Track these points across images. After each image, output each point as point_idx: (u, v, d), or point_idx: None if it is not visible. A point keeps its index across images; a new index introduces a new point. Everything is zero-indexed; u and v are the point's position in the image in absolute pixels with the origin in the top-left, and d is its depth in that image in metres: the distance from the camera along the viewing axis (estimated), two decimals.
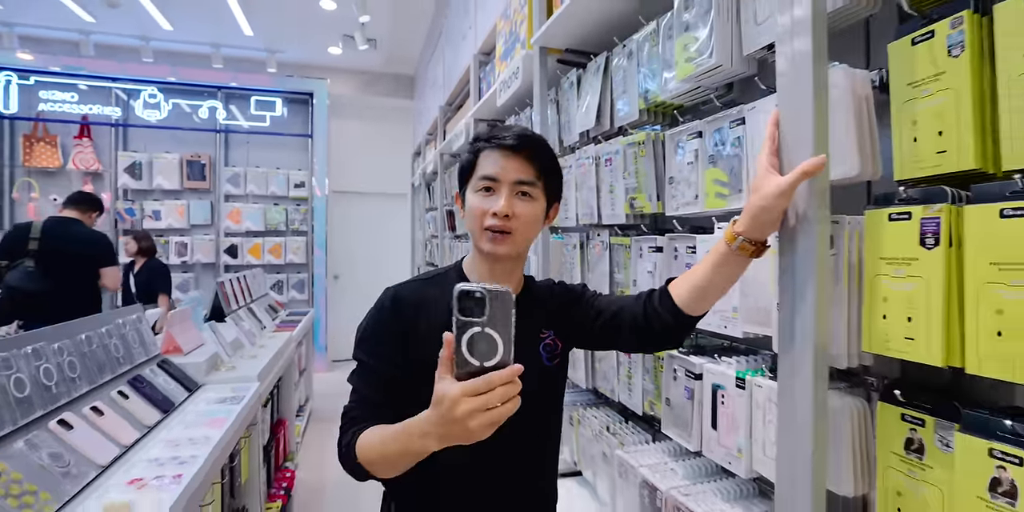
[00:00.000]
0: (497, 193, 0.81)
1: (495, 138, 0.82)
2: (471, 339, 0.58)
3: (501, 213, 0.79)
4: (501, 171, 0.81)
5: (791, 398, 0.72)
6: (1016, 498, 0.53)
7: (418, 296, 0.86)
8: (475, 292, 0.57)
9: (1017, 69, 0.55)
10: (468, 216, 0.85)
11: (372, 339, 0.83)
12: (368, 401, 0.81)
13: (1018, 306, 0.52)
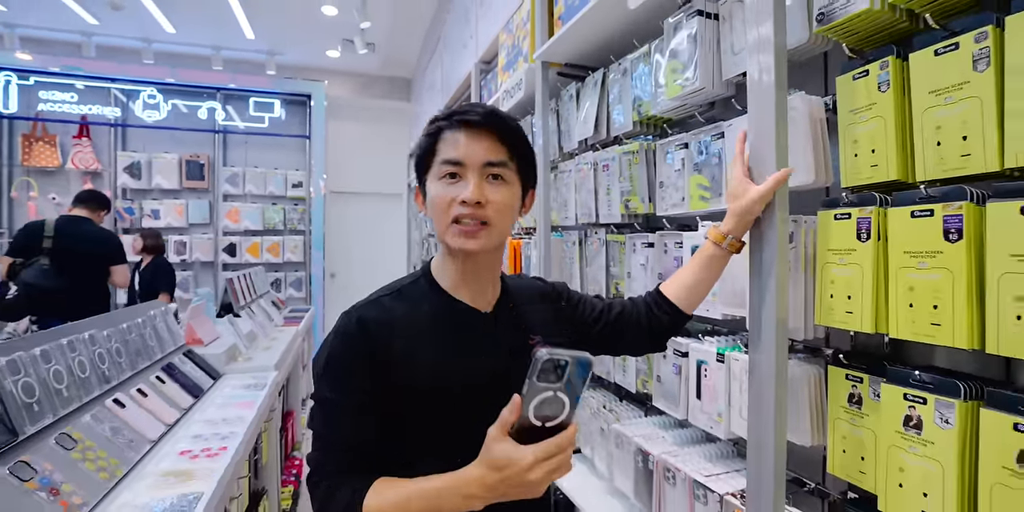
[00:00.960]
0: (464, 179, 0.69)
1: (457, 114, 0.71)
2: (541, 403, 0.57)
3: (471, 200, 0.68)
4: (467, 152, 0.69)
5: (758, 364, 0.89)
6: (921, 429, 0.70)
7: (387, 316, 0.72)
8: (560, 359, 0.54)
9: (925, 104, 0.72)
10: (431, 208, 0.72)
11: (339, 372, 0.70)
12: (345, 447, 0.69)
13: (923, 284, 0.70)
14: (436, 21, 4.20)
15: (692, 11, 1.12)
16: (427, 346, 0.72)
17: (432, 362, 0.71)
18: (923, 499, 0.70)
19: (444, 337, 0.73)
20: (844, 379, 0.86)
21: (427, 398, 0.70)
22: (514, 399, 0.57)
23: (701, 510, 1.11)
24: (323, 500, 0.68)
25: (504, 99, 2.09)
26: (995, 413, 0.63)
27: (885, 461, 0.76)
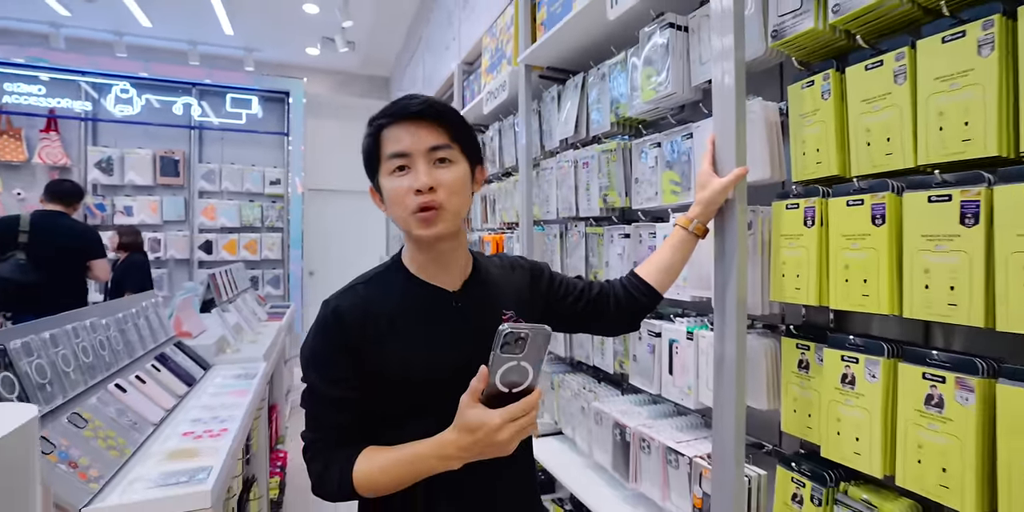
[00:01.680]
0: (412, 169, 0.72)
1: (394, 113, 0.73)
2: (506, 371, 0.62)
3: (424, 187, 0.70)
4: (410, 143, 0.72)
5: (721, 337, 1.01)
6: (854, 384, 0.83)
7: (363, 302, 0.77)
8: (520, 332, 0.60)
9: (858, 111, 0.85)
10: (390, 205, 0.75)
11: (323, 361, 0.75)
12: (333, 426, 0.75)
13: (856, 262, 0.83)
14: (417, 21, 4.27)
15: (665, 23, 1.24)
16: (400, 326, 0.76)
17: (404, 340, 0.76)
18: (855, 443, 0.83)
19: (415, 316, 0.78)
20: (795, 348, 0.99)
21: (403, 369, 0.75)
22: (481, 370, 0.64)
23: (673, 473, 1.23)
24: (319, 473, 0.74)
25: (488, 100, 2.18)
26: (909, 366, 0.76)
27: (826, 414, 0.89)
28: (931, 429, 0.73)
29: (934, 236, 0.72)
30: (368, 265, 4.16)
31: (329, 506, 1.02)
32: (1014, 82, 0.66)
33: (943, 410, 0.72)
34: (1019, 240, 0.63)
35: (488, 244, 2.54)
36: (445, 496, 0.76)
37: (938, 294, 0.72)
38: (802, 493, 0.94)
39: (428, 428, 0.71)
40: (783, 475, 0.99)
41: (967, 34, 0.69)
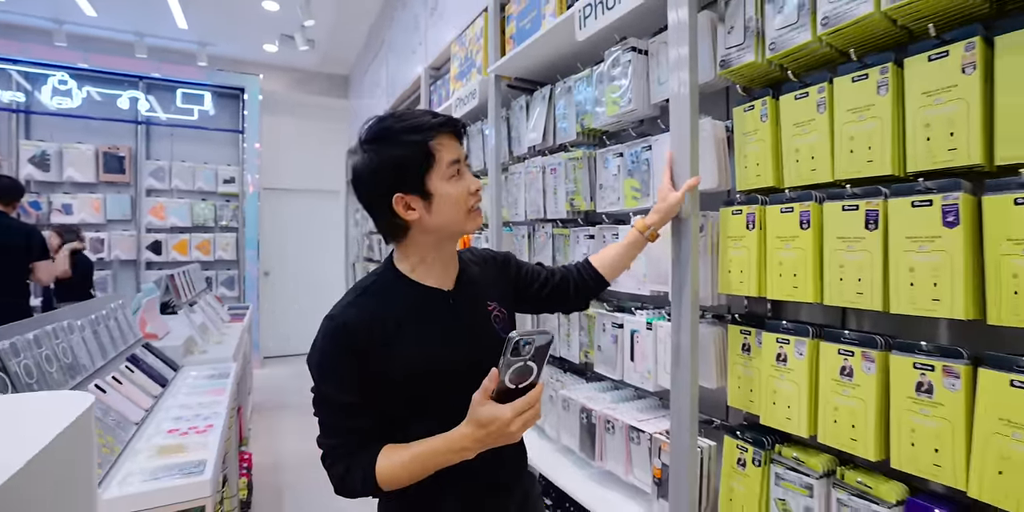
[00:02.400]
0: (463, 173, 0.82)
1: (446, 123, 0.81)
2: (514, 371, 0.69)
3: (480, 188, 0.84)
4: (458, 151, 0.82)
5: (678, 327, 1.16)
6: (786, 361, 1.00)
7: (367, 315, 0.80)
8: (527, 339, 0.67)
9: (790, 133, 1.01)
10: (448, 205, 0.80)
11: (333, 373, 0.79)
12: (349, 430, 0.79)
13: (787, 259, 0.99)
14: (381, 22, 4.28)
15: (628, 46, 1.38)
16: (404, 328, 0.82)
17: (410, 340, 0.82)
18: (787, 410, 0.99)
19: (417, 317, 0.83)
20: (739, 334, 1.15)
21: (409, 367, 0.80)
22: (492, 371, 0.70)
23: (635, 449, 1.38)
24: (341, 477, 0.78)
25: (457, 106, 2.28)
26: (828, 344, 0.93)
27: (765, 388, 1.05)
28: (845, 394, 0.90)
29: (846, 238, 0.89)
30: (327, 266, 4.28)
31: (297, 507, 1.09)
32: (901, 115, 0.84)
33: (853, 379, 0.89)
34: (911, 243, 0.81)
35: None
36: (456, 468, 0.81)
37: (850, 285, 0.89)
38: (745, 457, 1.11)
39: (430, 427, 0.77)
40: (729, 443, 1.15)
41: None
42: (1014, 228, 0.70)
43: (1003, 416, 0.70)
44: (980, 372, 0.74)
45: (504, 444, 0.74)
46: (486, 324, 0.90)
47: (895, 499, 0.85)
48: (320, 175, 5.99)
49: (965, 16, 0.79)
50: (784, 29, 0.98)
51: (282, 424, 3.74)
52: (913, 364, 0.81)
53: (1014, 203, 0.70)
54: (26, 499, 0.41)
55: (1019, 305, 0.69)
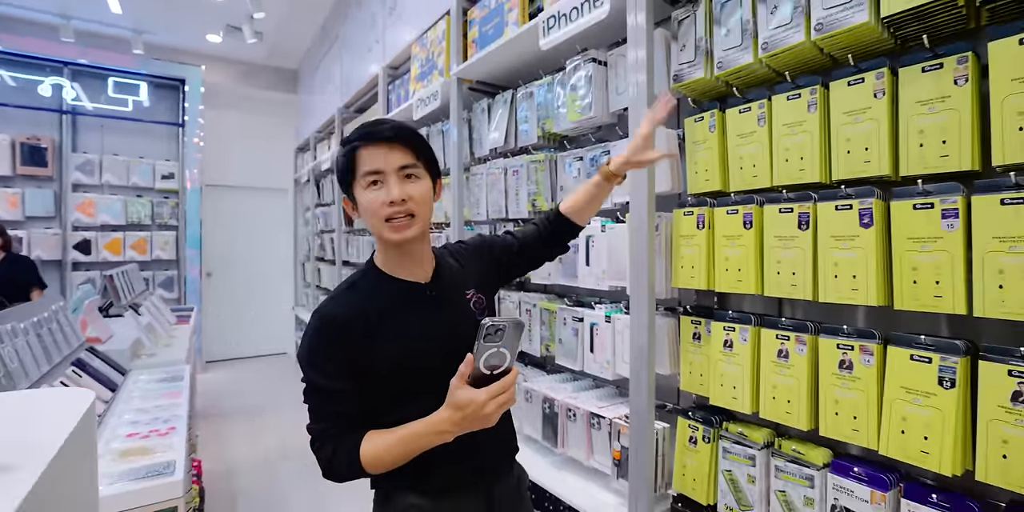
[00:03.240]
0: (385, 184, 0.84)
1: (368, 136, 0.85)
2: (488, 357, 0.73)
3: (397, 199, 0.82)
4: (384, 162, 0.83)
5: (637, 319, 1.26)
6: (732, 347, 1.12)
7: (351, 311, 0.86)
8: (499, 325, 0.72)
9: (735, 143, 1.13)
10: (365, 213, 0.86)
11: (321, 362, 0.84)
12: (336, 415, 0.84)
13: (733, 256, 1.11)
14: (334, 17, 4.20)
15: (588, 58, 1.48)
16: (386, 319, 0.87)
17: (392, 330, 0.87)
18: (733, 390, 1.11)
19: (397, 308, 0.89)
20: (690, 324, 1.27)
21: (393, 356, 0.86)
22: (468, 356, 0.75)
23: (596, 434, 1.48)
24: (329, 459, 0.82)
25: (419, 106, 2.30)
26: (767, 331, 1.05)
27: (713, 372, 1.17)
28: (781, 374, 1.03)
29: (783, 237, 1.02)
30: (274, 265, 4.23)
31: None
32: (827, 131, 0.97)
33: (789, 360, 1.02)
34: (835, 242, 0.94)
35: None
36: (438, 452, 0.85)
37: (785, 278, 1.01)
38: (696, 435, 1.22)
39: (413, 414, 0.82)
40: (682, 424, 1.27)
41: (864, 80, 0.99)
42: (915, 229, 0.84)
43: (904, 385, 0.84)
44: (889, 349, 0.88)
45: (480, 427, 0.78)
46: (466, 310, 0.95)
47: (822, 462, 0.98)
48: (267, 172, 5.78)
49: (876, 50, 0.94)
50: (730, 50, 1.10)
51: (230, 430, 3.61)
52: (837, 345, 0.94)
53: (913, 208, 0.84)
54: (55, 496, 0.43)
55: (917, 293, 0.83)
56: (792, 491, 1.02)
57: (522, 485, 1.05)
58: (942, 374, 0.80)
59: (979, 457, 0.76)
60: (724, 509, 1.15)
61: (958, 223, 0.79)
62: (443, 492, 0.90)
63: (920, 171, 0.84)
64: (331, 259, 4.38)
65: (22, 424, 0.48)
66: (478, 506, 0.93)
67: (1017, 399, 0.73)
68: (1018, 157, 0.73)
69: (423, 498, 0.89)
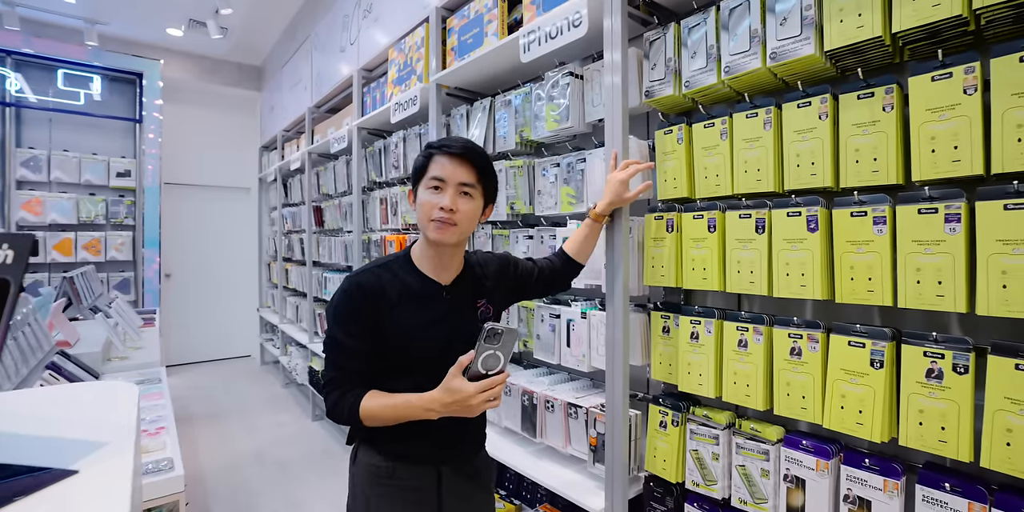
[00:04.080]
0: (444, 192, 0.97)
1: (446, 146, 0.98)
2: (485, 357, 0.85)
3: (447, 207, 0.95)
4: (449, 173, 0.96)
5: (612, 315, 1.37)
6: (698, 338, 1.24)
7: (377, 281, 0.98)
8: (498, 329, 0.85)
9: (701, 155, 1.26)
10: (419, 209, 1.00)
11: (346, 320, 0.96)
12: (349, 369, 0.97)
13: (698, 256, 1.23)
14: (304, 15, 4.16)
15: (566, 71, 1.58)
16: (404, 302, 1.00)
17: (406, 314, 0.99)
18: (699, 377, 1.24)
19: (415, 297, 1.01)
20: (660, 318, 1.39)
21: (402, 338, 0.98)
22: (468, 353, 0.88)
23: (573, 423, 1.58)
24: (336, 400, 0.95)
25: (397, 110, 2.36)
26: (729, 323, 1.18)
27: (681, 362, 1.29)
28: (741, 361, 1.16)
29: (742, 239, 1.15)
30: (238, 266, 4.22)
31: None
32: (780, 147, 1.10)
33: (747, 348, 1.15)
34: (787, 244, 1.07)
35: (391, 243, 2.70)
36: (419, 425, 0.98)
37: (745, 276, 1.14)
38: (666, 420, 1.35)
39: (407, 386, 0.95)
40: (653, 410, 1.39)
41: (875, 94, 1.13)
42: (851, 233, 0.98)
43: (843, 367, 0.98)
44: (831, 337, 1.01)
45: (463, 415, 0.89)
46: (472, 316, 1.07)
47: (776, 438, 1.12)
48: (230, 170, 5.64)
49: (821, 77, 1.08)
50: (696, 71, 1.22)
51: (197, 435, 3.53)
52: (788, 334, 1.08)
53: (850, 216, 0.98)
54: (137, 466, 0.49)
55: (854, 288, 0.97)
56: (751, 465, 1.15)
57: (483, 476, 1.16)
58: (873, 356, 0.95)
59: (901, 425, 0.91)
60: (691, 485, 1.27)
61: (886, 228, 0.93)
62: (401, 458, 1.02)
63: (856, 184, 0.98)
64: (300, 260, 4.33)
65: (89, 410, 0.53)
66: (428, 477, 1.05)
67: (930, 375, 0.87)
68: (930, 174, 0.87)
69: (382, 459, 1.02)
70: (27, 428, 0.43)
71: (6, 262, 0.34)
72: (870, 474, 0.97)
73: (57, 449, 0.40)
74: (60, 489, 0.35)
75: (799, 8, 1.02)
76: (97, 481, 0.35)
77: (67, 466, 0.36)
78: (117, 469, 0.37)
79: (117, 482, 0.34)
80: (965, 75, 0.83)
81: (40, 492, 0.34)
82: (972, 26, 0.85)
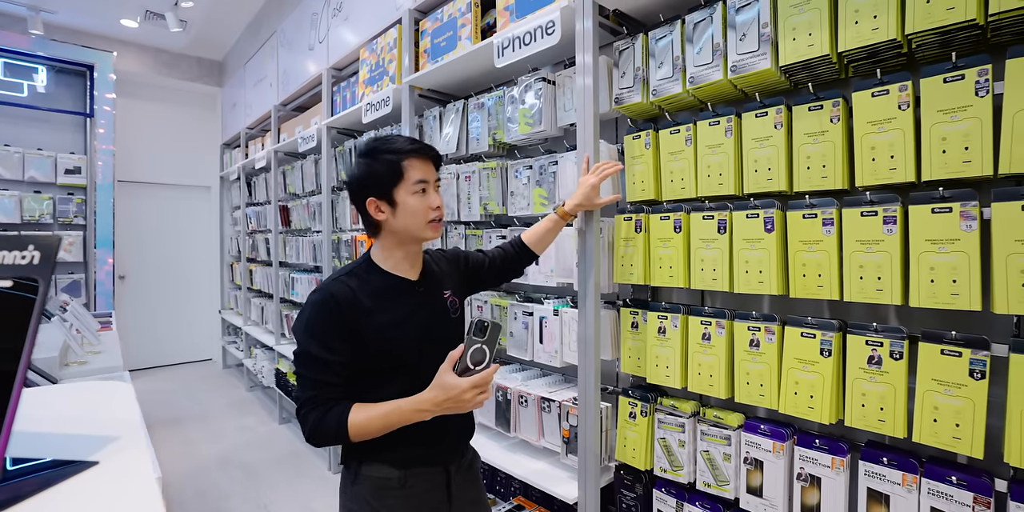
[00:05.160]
0: (429, 192, 1.01)
1: (419, 150, 1.01)
2: (473, 351, 0.86)
3: (441, 206, 1.03)
4: (428, 174, 1.01)
5: (584, 312, 1.43)
6: (665, 333, 1.32)
7: (349, 290, 0.97)
8: (485, 323, 0.87)
9: (667, 160, 1.33)
10: (410, 214, 0.99)
11: (321, 334, 0.94)
12: (327, 384, 0.93)
13: (665, 255, 1.31)
14: (269, 11, 4.08)
15: (539, 77, 1.63)
16: (381, 304, 1.01)
17: (384, 314, 1.00)
18: (666, 369, 1.31)
19: (391, 297, 1.02)
20: (629, 314, 1.46)
21: (383, 336, 0.97)
22: (458, 348, 0.88)
23: (547, 417, 1.64)
24: (315, 423, 0.90)
25: (369, 110, 2.36)
26: (693, 318, 1.26)
27: (649, 355, 1.36)
28: (705, 354, 1.24)
29: (706, 239, 1.23)
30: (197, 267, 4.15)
31: None
32: (740, 152, 1.18)
33: (710, 341, 1.23)
34: (746, 243, 1.15)
35: (363, 243, 2.69)
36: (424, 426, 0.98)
37: (708, 274, 1.22)
38: (635, 410, 1.42)
39: (391, 393, 0.93)
40: (623, 401, 1.46)
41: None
42: (803, 234, 1.07)
43: (796, 356, 1.07)
44: (786, 329, 1.10)
45: (456, 412, 0.90)
46: (443, 308, 1.10)
47: (737, 424, 1.20)
48: (190, 168, 5.45)
49: (776, 89, 1.17)
50: (663, 80, 1.30)
51: (159, 440, 3.41)
52: (747, 327, 1.16)
53: (802, 217, 1.07)
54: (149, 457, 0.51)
55: (806, 284, 1.06)
56: (714, 450, 1.23)
57: (475, 465, 1.20)
58: (823, 346, 1.04)
59: (847, 408, 1.00)
60: (659, 471, 1.35)
61: (833, 229, 1.02)
62: (410, 465, 1.02)
63: (807, 188, 1.07)
64: (265, 260, 4.24)
65: (91, 408, 0.54)
66: (438, 479, 1.06)
67: (871, 362, 0.97)
68: (871, 180, 0.97)
69: (393, 469, 1.00)
70: (32, 426, 0.44)
71: (33, 263, 0.36)
72: (820, 453, 1.06)
73: (70, 444, 0.41)
74: (87, 479, 0.37)
75: (757, 25, 1.11)
76: (120, 471, 0.37)
77: (86, 458, 0.38)
78: (136, 459, 0.38)
79: (140, 470, 0.36)
80: (899, 92, 0.93)
81: (67, 482, 0.36)
82: (905, 49, 0.95)
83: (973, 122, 0.85)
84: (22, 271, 0.36)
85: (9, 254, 0.34)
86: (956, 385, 0.87)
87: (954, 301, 0.86)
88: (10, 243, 0.36)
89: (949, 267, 0.87)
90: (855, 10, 0.97)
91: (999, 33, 0.87)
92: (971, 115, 0.85)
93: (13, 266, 0.35)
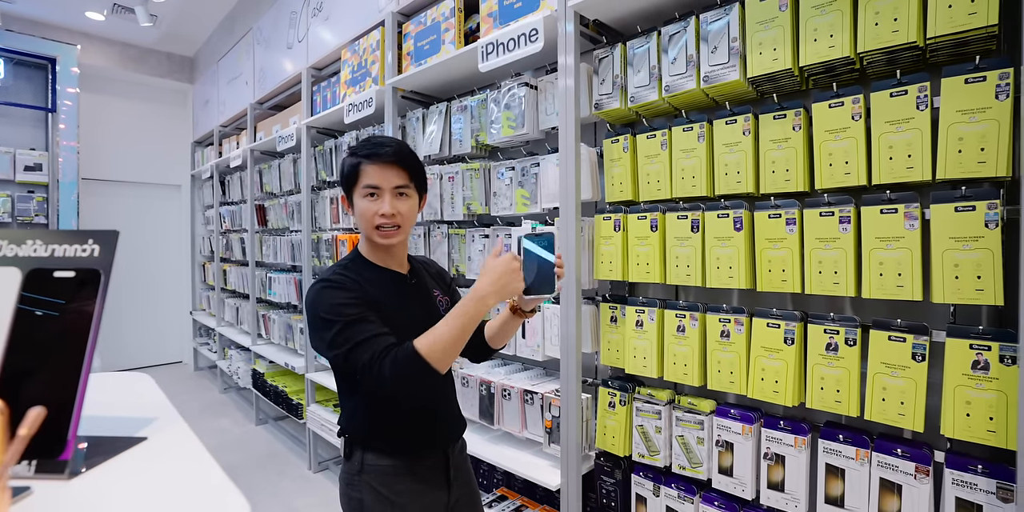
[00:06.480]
0: (381, 198, 0.98)
1: (374, 155, 0.97)
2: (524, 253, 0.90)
3: (388, 213, 0.97)
4: (382, 180, 0.97)
5: (567, 308, 1.50)
6: (643, 326, 1.40)
7: (351, 279, 0.99)
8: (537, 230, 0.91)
9: (644, 163, 1.41)
10: (359, 217, 1.00)
11: (340, 300, 0.93)
12: (375, 335, 0.89)
13: (642, 253, 1.39)
14: (245, 7, 4.02)
15: (522, 82, 1.70)
16: (379, 293, 1.03)
17: (388, 301, 1.02)
18: (644, 360, 1.40)
19: (386, 287, 1.04)
20: (608, 309, 1.53)
21: (392, 322, 0.96)
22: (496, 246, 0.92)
23: (529, 409, 1.70)
24: (391, 365, 0.84)
25: (351, 111, 2.38)
26: (669, 311, 1.34)
27: (627, 347, 1.44)
28: (679, 344, 1.32)
29: (680, 237, 1.31)
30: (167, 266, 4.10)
31: None
32: (712, 157, 1.27)
33: (684, 333, 1.31)
34: (717, 241, 1.24)
35: (344, 242, 2.71)
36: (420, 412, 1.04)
37: (682, 270, 1.31)
38: (615, 400, 1.49)
39: None
40: (603, 392, 1.53)
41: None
42: (769, 232, 1.16)
43: (763, 345, 1.16)
44: (753, 320, 1.20)
45: (513, 288, 0.87)
46: (434, 303, 1.13)
47: (709, 409, 1.29)
48: (159, 166, 5.31)
49: (744, 99, 1.26)
50: (640, 88, 1.38)
51: None
52: (719, 319, 1.25)
53: (768, 217, 1.16)
54: None
55: (772, 279, 1.15)
56: (688, 435, 1.32)
57: (465, 450, 1.25)
58: (786, 335, 1.13)
59: (808, 391, 1.10)
60: (637, 457, 1.43)
61: (795, 228, 1.12)
62: (413, 451, 1.06)
63: (773, 190, 1.17)
64: (240, 260, 4.18)
65: (120, 396, 0.57)
66: (439, 464, 1.11)
67: (828, 348, 1.07)
68: (829, 184, 1.07)
69: (398, 457, 1.04)
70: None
71: (93, 255, 0.40)
72: (784, 434, 1.15)
73: (114, 425, 0.44)
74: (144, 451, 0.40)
75: (727, 39, 1.20)
76: (170, 443, 0.41)
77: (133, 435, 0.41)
78: (181, 434, 0.42)
79: (188, 441, 0.40)
80: (853, 104, 1.03)
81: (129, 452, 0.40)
82: (858, 65, 1.05)
83: (915, 133, 0.95)
84: (83, 263, 0.40)
85: (71, 247, 0.39)
86: (901, 367, 0.97)
87: (899, 292, 0.96)
88: (71, 237, 0.40)
89: (895, 262, 0.97)
90: (814, 28, 1.07)
91: (936, 54, 0.97)
92: (913, 126, 0.95)
93: (75, 258, 0.39)
